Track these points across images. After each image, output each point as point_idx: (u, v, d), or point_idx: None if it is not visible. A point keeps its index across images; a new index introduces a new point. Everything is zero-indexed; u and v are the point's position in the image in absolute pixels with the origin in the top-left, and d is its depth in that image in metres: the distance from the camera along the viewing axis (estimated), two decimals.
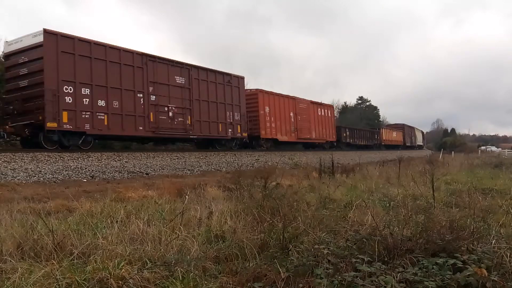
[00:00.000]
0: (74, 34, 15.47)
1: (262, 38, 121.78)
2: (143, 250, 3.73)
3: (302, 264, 3.35)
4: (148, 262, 3.44)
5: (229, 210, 5.21)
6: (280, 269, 3.24)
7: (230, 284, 3.13)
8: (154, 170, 15.05)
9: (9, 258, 3.38)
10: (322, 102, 35.26)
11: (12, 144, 18.39)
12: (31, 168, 12.26)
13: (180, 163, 17.28)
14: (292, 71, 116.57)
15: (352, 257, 3.40)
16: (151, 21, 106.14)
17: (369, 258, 3.30)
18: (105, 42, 16.53)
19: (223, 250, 3.93)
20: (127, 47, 17.55)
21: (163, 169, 15.53)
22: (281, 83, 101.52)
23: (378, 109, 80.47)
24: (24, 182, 10.88)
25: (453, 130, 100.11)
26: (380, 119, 76.30)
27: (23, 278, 2.91)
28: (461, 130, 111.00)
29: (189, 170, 16.16)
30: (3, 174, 11.22)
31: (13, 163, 12.48)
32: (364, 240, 3.84)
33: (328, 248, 3.55)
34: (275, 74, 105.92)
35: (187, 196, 5.81)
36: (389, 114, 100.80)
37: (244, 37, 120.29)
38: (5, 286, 2.83)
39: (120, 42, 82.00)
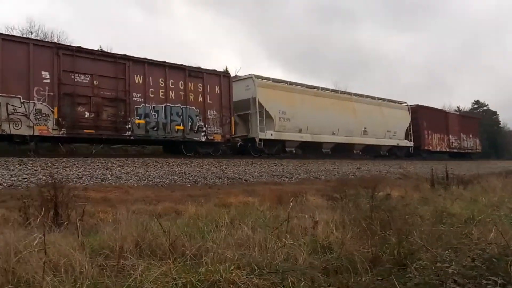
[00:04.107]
0: None
1: (348, 37, 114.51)
2: (250, 255, 3.71)
3: (424, 282, 3.05)
4: (256, 268, 3.39)
5: (334, 220, 5.01)
6: (398, 287, 2.99)
7: None
8: (252, 176, 15.32)
9: (129, 256, 3.57)
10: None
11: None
12: (141, 172, 13.24)
13: (278, 170, 17.39)
14: (385, 72, 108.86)
15: (482, 278, 3.04)
16: (231, 24, 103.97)
17: (502, 281, 2.94)
18: None
19: (331, 261, 3.75)
20: None
21: (261, 176, 15.74)
22: (374, 87, 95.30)
23: (498, 114, 71.80)
24: (135, 185, 11.75)
25: None
26: (500, 125, 66.54)
27: (143, 275, 3.04)
28: None
29: (286, 177, 16.17)
30: (118, 177, 12.26)
31: (126, 167, 13.61)
32: (494, 260, 3.42)
33: (453, 267, 3.20)
34: (367, 76, 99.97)
35: (290, 204, 5.70)
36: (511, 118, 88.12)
37: (328, 37, 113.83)
38: (128, 282, 2.97)
39: (201, 47, 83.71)
